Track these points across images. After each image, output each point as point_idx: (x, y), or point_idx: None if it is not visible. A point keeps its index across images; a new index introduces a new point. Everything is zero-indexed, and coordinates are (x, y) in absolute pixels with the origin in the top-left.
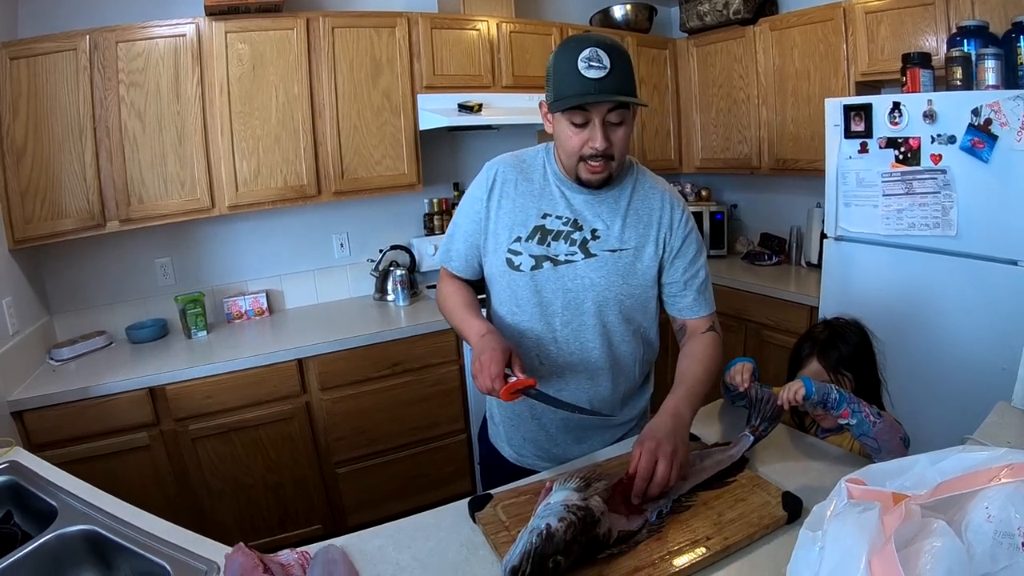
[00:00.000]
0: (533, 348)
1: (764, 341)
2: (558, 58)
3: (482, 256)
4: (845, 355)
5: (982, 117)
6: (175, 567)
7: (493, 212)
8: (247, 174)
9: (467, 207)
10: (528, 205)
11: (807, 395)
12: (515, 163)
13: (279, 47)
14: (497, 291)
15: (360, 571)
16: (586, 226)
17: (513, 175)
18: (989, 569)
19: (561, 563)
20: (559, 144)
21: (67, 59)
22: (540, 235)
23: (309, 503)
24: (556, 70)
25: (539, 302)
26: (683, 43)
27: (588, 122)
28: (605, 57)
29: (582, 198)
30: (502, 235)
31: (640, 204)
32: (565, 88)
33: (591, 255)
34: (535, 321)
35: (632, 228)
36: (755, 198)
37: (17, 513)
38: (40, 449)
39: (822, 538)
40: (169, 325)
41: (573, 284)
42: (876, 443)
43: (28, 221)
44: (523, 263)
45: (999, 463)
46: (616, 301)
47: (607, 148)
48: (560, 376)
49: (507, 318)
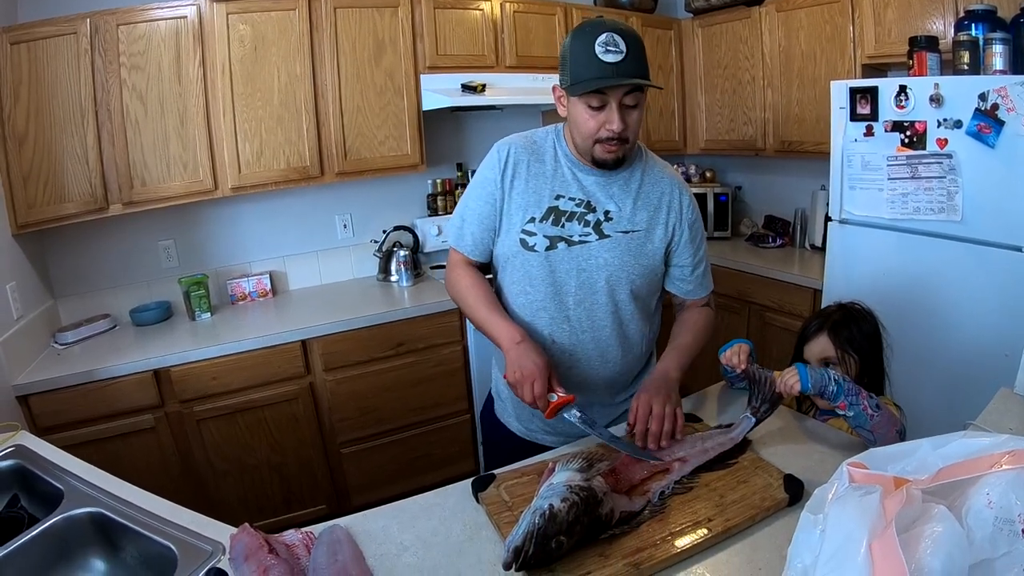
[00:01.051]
0: (546, 327)
1: (767, 323)
2: (574, 43)
3: (495, 237)
4: (856, 338)
5: (989, 102)
6: (181, 548)
7: (508, 192)
8: (250, 156)
9: (480, 188)
10: (541, 186)
11: (803, 389)
12: (526, 144)
13: (281, 28)
14: (509, 272)
15: (364, 551)
16: (599, 208)
17: (526, 156)
18: (989, 555)
19: (564, 543)
20: (575, 126)
21: (68, 43)
22: (554, 216)
23: (313, 483)
24: (572, 54)
25: (553, 282)
26: (688, 24)
27: (605, 105)
28: (621, 42)
29: (594, 180)
30: (516, 216)
31: (650, 187)
32: (583, 72)
33: (605, 236)
34: (548, 300)
35: (643, 210)
36: (760, 180)
37: (24, 496)
38: (45, 433)
39: (823, 521)
40: (173, 307)
41: (587, 264)
42: (872, 436)
43: (31, 205)
44: (537, 244)
45: (1000, 449)
46: (628, 281)
47: (623, 130)
48: (572, 355)
49: (519, 298)
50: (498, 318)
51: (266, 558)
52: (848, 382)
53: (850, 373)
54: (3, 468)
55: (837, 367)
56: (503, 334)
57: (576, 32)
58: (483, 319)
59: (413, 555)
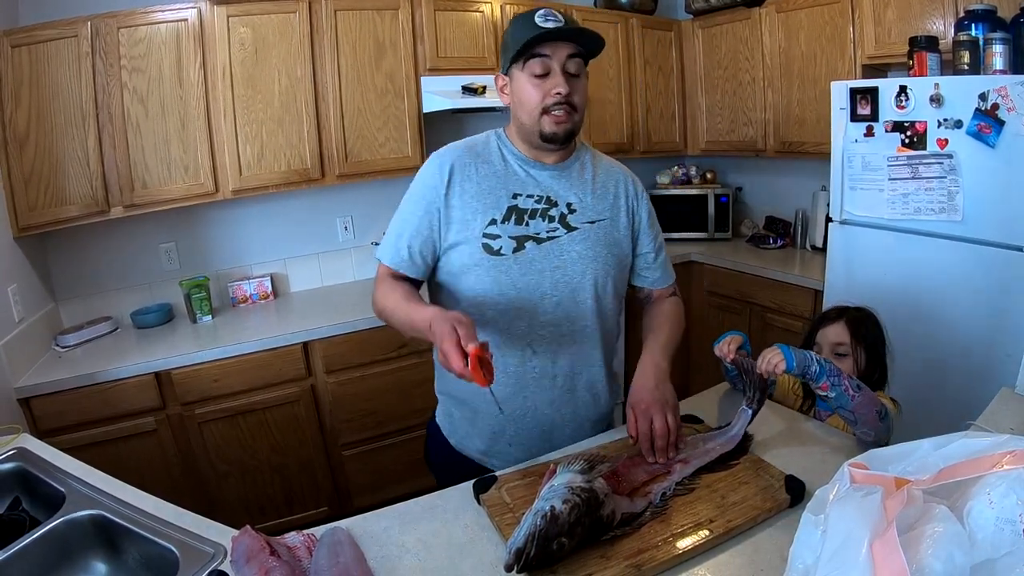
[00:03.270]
0: (524, 336)
1: (768, 324)
2: (512, 24)
3: (440, 253)
4: (869, 336)
5: (989, 102)
6: (182, 550)
7: (456, 201)
8: (250, 158)
9: (419, 200)
10: (496, 187)
11: (787, 368)
12: (466, 150)
13: (281, 30)
14: (470, 285)
15: (366, 553)
16: (560, 201)
17: (470, 160)
18: (990, 555)
19: (565, 544)
20: (520, 105)
21: (69, 46)
22: (516, 216)
23: (315, 485)
24: (512, 34)
25: (525, 285)
26: (688, 25)
27: (548, 71)
28: (560, 14)
29: (548, 174)
30: (473, 222)
31: (603, 177)
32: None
33: (573, 228)
34: (523, 306)
35: (602, 199)
36: (760, 181)
37: (25, 499)
38: (47, 435)
39: (824, 522)
40: (174, 310)
41: (562, 260)
42: (853, 416)
43: (32, 208)
44: (503, 246)
45: (1001, 449)
46: (604, 271)
47: (569, 94)
48: (554, 360)
49: (489, 311)
50: (414, 305)
51: (268, 560)
52: (829, 364)
53: (860, 364)
54: (5, 471)
55: (847, 358)
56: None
57: (513, 18)
58: (404, 315)
59: (415, 557)
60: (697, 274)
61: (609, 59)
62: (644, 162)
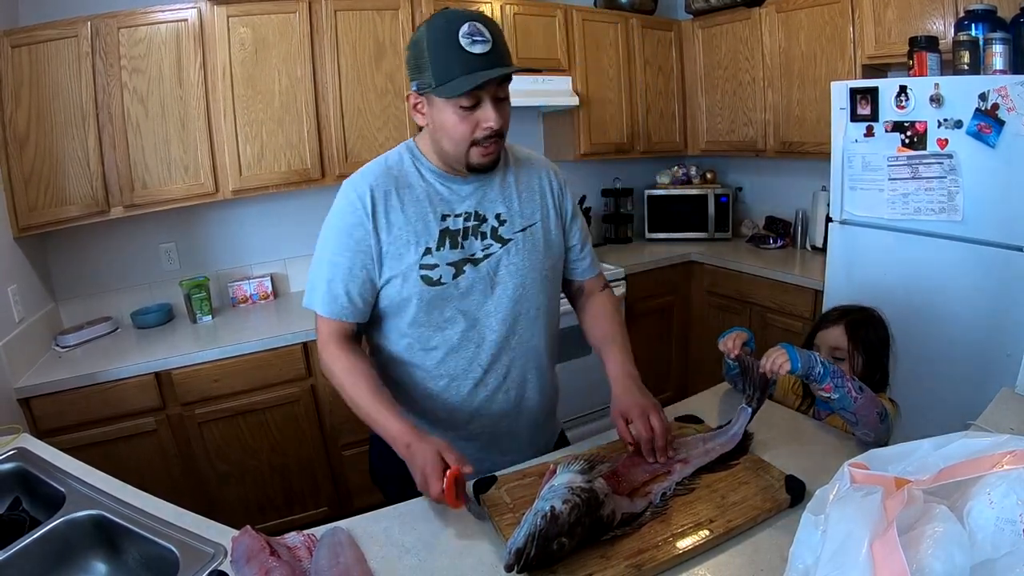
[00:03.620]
0: (473, 361)
1: (768, 324)
2: (432, 39)
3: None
4: (869, 339)
5: (989, 102)
6: (183, 550)
7: (386, 236)
8: (251, 158)
9: (345, 237)
10: (423, 212)
11: (792, 369)
12: (383, 174)
13: (281, 30)
14: (412, 317)
15: (366, 553)
16: (489, 214)
17: (390, 186)
18: (990, 555)
19: (565, 545)
20: (443, 133)
21: (69, 46)
22: (450, 239)
23: (315, 485)
24: (433, 52)
25: (469, 308)
26: (688, 25)
27: (478, 103)
28: (485, 30)
29: (470, 188)
30: (407, 254)
31: (526, 177)
32: (450, 69)
33: (507, 241)
34: (470, 332)
35: (528, 203)
36: (760, 181)
37: (25, 499)
38: (47, 435)
39: (824, 522)
40: (174, 310)
41: (500, 277)
42: (855, 417)
43: (32, 208)
44: (443, 275)
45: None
46: (543, 277)
47: (501, 126)
48: (506, 374)
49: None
50: (385, 412)
51: (268, 560)
52: (832, 365)
53: (856, 370)
54: (5, 471)
55: (844, 362)
56: (392, 434)
57: (430, 26)
58: (372, 416)
59: (415, 557)
60: (697, 274)
61: (609, 59)
62: (644, 162)
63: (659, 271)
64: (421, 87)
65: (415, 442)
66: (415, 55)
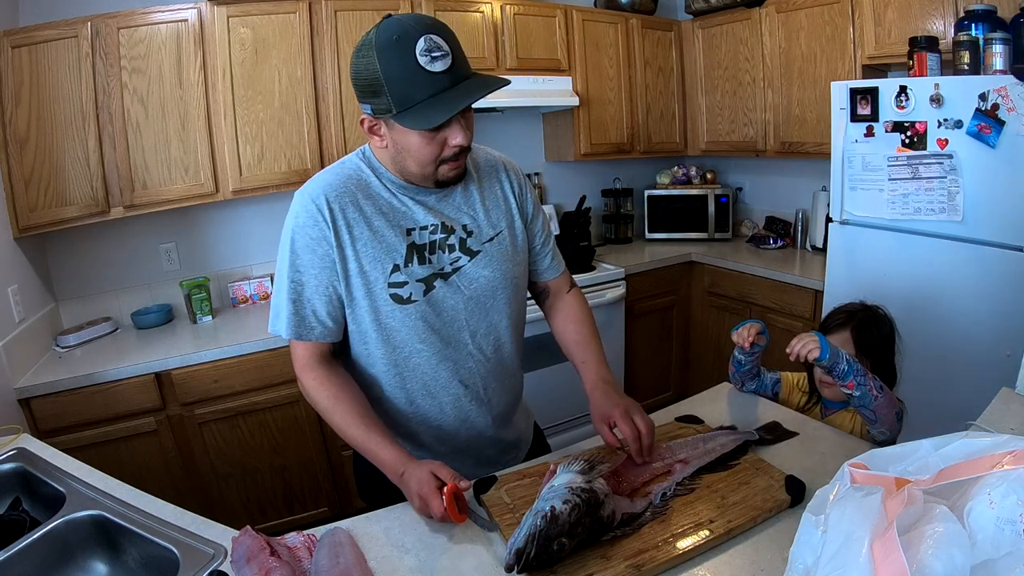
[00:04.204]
0: (453, 376)
1: (768, 325)
2: (385, 60)
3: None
4: (874, 340)
5: (989, 102)
6: (183, 551)
7: (350, 251)
8: (251, 158)
9: (307, 254)
10: (388, 226)
11: (820, 357)
12: (341, 185)
13: (281, 31)
14: (385, 338)
15: (366, 553)
16: (455, 225)
17: (351, 197)
18: (991, 555)
19: (565, 545)
20: (407, 155)
21: (69, 46)
22: (417, 255)
23: (315, 486)
24: (389, 74)
25: (443, 325)
26: (688, 25)
27: (445, 122)
28: (443, 41)
29: (434, 198)
30: (373, 272)
31: (487, 181)
32: (413, 92)
33: (475, 253)
34: (445, 348)
35: (494, 210)
36: (760, 181)
37: (25, 499)
38: (47, 436)
39: (825, 522)
40: (174, 310)
41: (471, 290)
42: (874, 415)
43: (32, 209)
44: (413, 292)
45: (1002, 449)
46: (512, 284)
47: (470, 140)
48: (485, 387)
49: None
50: (376, 439)
51: (268, 561)
52: (856, 363)
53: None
54: (5, 471)
55: None
56: (384, 464)
57: (380, 43)
58: (358, 443)
59: (415, 557)
60: (697, 274)
61: (609, 59)
62: (644, 162)
63: (659, 271)
64: (377, 111)
65: (408, 468)
66: (366, 76)
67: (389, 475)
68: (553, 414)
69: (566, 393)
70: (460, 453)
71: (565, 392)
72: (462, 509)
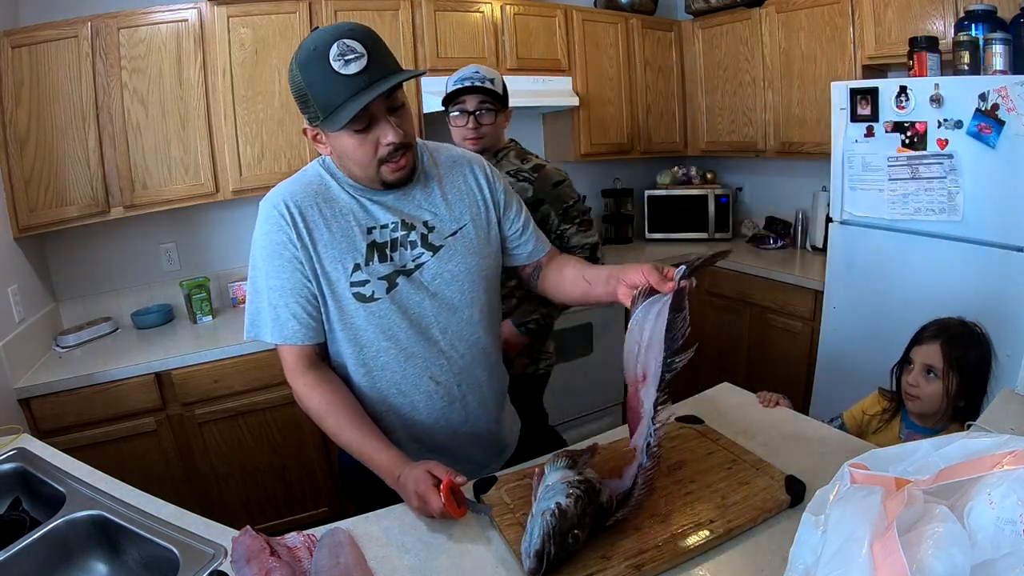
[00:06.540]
0: (423, 373)
1: (768, 325)
2: (306, 71)
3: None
4: (967, 360)
5: (989, 102)
6: (183, 551)
7: (311, 250)
8: (251, 158)
9: (275, 259)
10: (347, 227)
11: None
12: (301, 189)
13: (281, 31)
14: (352, 337)
15: (366, 553)
16: (416, 222)
17: (310, 200)
18: (991, 555)
19: (579, 537)
20: (348, 160)
21: (69, 46)
22: (378, 253)
23: (315, 486)
24: (311, 85)
25: (409, 322)
26: (688, 25)
27: (371, 121)
28: (357, 44)
29: (392, 197)
30: (335, 272)
31: (451, 178)
32: (332, 97)
33: (437, 248)
34: (412, 344)
35: (456, 204)
36: (760, 181)
37: (26, 499)
38: (47, 436)
39: (825, 522)
40: (174, 310)
41: (435, 285)
42: None
43: (32, 209)
44: (375, 290)
45: (1002, 450)
46: (482, 278)
47: (403, 137)
48: (458, 382)
49: (380, 357)
50: (371, 444)
51: (268, 561)
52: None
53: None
54: (5, 471)
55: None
56: (380, 468)
57: (301, 59)
58: (352, 449)
59: (415, 557)
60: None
61: (609, 59)
62: (644, 163)
63: None
64: (312, 120)
65: (404, 471)
66: (295, 90)
67: (386, 479)
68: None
69: (589, 386)
70: (436, 452)
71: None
72: (460, 503)
